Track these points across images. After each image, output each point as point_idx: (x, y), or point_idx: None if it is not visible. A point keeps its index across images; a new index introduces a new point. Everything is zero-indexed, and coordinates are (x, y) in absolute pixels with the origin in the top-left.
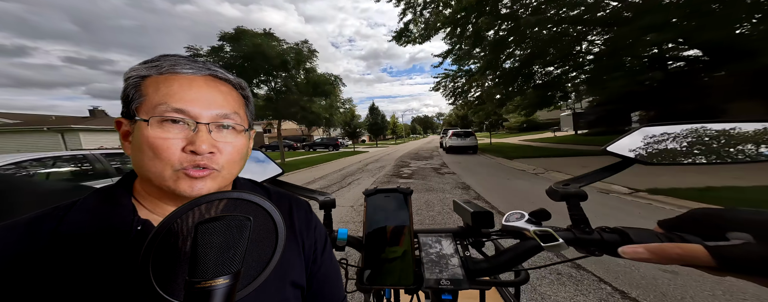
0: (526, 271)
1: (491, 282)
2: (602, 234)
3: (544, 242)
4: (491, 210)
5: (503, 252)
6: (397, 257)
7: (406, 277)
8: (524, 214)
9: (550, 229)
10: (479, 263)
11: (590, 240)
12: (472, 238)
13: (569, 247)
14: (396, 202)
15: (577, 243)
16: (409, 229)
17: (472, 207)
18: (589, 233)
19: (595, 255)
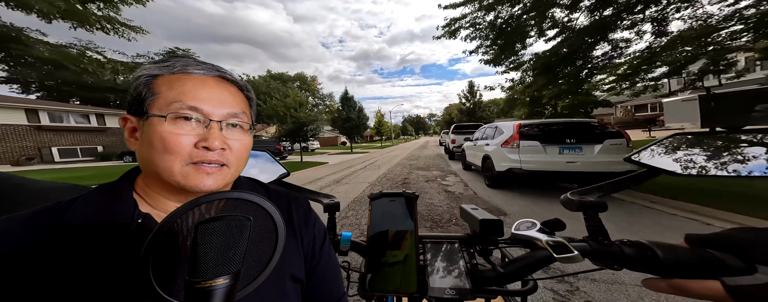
0: (534, 281)
1: (498, 291)
2: (623, 248)
3: (558, 253)
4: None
5: (513, 261)
6: (398, 261)
7: (410, 284)
8: (536, 223)
9: (563, 240)
10: (486, 272)
11: (609, 253)
12: (480, 246)
13: (584, 259)
14: (401, 207)
15: (594, 255)
16: (412, 234)
17: (480, 214)
18: (608, 246)
19: (615, 269)
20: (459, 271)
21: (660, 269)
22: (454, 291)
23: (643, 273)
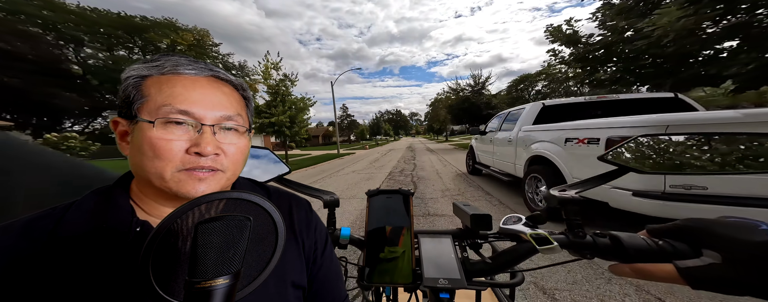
0: (521, 273)
1: (487, 283)
2: (595, 239)
3: (540, 245)
4: (489, 213)
5: (500, 253)
6: (396, 257)
7: (405, 276)
8: (521, 218)
9: (545, 232)
10: (477, 264)
11: (584, 243)
12: (470, 240)
13: (563, 250)
14: (397, 203)
15: (571, 246)
16: (408, 230)
17: (471, 210)
18: (583, 237)
19: (588, 258)
20: (451, 263)
21: (625, 256)
22: (446, 281)
23: (611, 260)
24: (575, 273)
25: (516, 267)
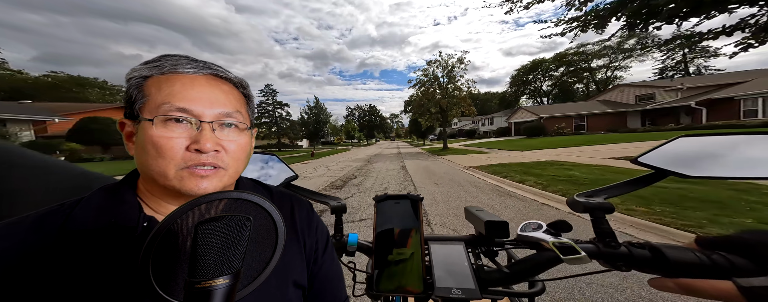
0: (542, 282)
1: (504, 292)
2: (631, 249)
3: (565, 254)
4: (506, 220)
5: (519, 262)
6: (404, 259)
7: (417, 284)
8: (542, 225)
9: (570, 241)
10: (492, 273)
11: (617, 254)
12: (485, 247)
13: (592, 261)
14: (406, 209)
15: (602, 257)
16: (417, 231)
17: (485, 216)
18: (616, 247)
19: (622, 270)
20: (464, 272)
21: (669, 270)
22: (459, 291)
23: (651, 273)
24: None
25: (536, 276)
